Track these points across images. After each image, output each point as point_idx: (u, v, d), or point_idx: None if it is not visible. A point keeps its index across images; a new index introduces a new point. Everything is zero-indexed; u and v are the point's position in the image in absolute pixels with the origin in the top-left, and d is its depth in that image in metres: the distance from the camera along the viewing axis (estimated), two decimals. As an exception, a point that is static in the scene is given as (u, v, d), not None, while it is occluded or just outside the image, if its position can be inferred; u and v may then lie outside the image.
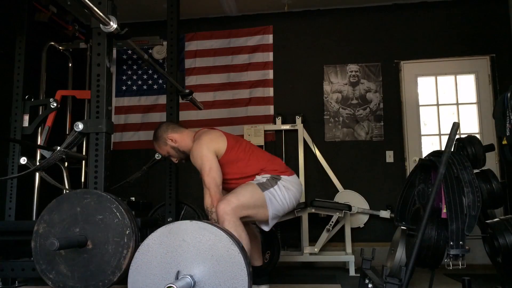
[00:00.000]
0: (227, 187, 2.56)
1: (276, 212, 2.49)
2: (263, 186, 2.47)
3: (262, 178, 2.54)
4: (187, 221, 1.69)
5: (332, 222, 3.94)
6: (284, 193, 2.50)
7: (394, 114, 4.59)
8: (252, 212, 2.41)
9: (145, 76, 5.03)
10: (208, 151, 2.47)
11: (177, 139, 2.66)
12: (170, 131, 2.68)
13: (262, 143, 4.49)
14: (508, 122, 2.52)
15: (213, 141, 2.54)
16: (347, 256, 3.85)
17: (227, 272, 1.61)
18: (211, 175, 2.41)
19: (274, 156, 2.78)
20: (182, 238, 1.65)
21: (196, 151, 2.50)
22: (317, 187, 4.51)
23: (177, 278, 1.59)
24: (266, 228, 2.56)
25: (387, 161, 4.53)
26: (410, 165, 4.45)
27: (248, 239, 2.35)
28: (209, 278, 1.61)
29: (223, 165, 2.50)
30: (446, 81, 4.66)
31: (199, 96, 4.49)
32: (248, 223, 2.68)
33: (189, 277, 1.60)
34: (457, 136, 3.12)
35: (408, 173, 4.27)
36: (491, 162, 4.20)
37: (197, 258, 1.63)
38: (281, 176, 2.54)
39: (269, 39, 4.86)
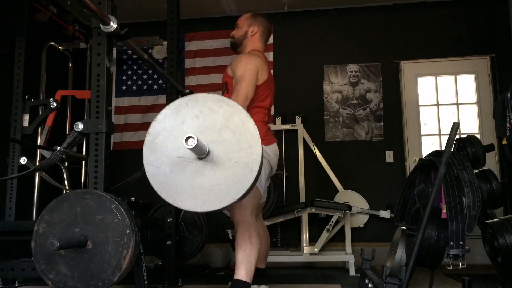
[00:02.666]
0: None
1: (264, 187, 2.55)
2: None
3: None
4: (205, 93, 1.71)
5: (332, 222, 3.95)
6: (265, 164, 2.50)
7: (394, 114, 4.59)
8: (252, 201, 2.42)
9: (145, 76, 5.03)
10: (255, 68, 2.49)
11: (254, 36, 2.76)
12: (261, 27, 2.78)
13: (262, 143, 4.48)
14: (508, 122, 2.52)
15: (262, 68, 2.56)
16: (347, 256, 3.85)
17: (242, 142, 1.62)
18: (248, 88, 2.42)
19: (269, 119, 2.77)
20: (200, 109, 1.66)
21: (247, 60, 2.54)
22: (317, 187, 4.51)
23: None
24: (263, 199, 2.62)
25: (387, 161, 4.53)
26: (410, 165, 4.45)
27: (258, 242, 2.36)
28: (223, 148, 1.62)
29: None
30: (446, 81, 4.66)
31: (199, 96, 4.48)
32: (263, 224, 2.77)
33: (206, 144, 1.60)
34: (457, 136, 3.12)
35: (408, 173, 4.27)
36: (491, 162, 4.20)
37: (213, 128, 1.64)
38: (267, 146, 2.55)
39: (269, 39, 4.84)
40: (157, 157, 1.67)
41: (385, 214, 4.32)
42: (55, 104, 3.12)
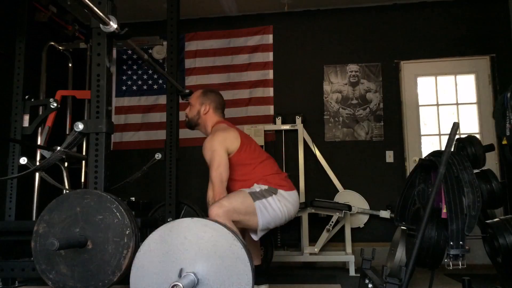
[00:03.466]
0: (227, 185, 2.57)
1: (266, 223, 2.50)
2: (255, 196, 2.47)
3: (258, 187, 2.55)
4: (188, 219, 1.68)
5: (332, 222, 3.95)
6: (278, 204, 2.51)
7: (394, 114, 4.59)
8: (243, 218, 2.42)
9: (145, 76, 5.03)
10: (220, 147, 2.51)
11: (208, 114, 2.78)
12: (212, 104, 2.79)
13: (262, 143, 4.49)
14: (508, 122, 2.52)
15: (227, 139, 2.58)
16: (347, 256, 3.85)
17: (231, 268, 1.60)
18: (219, 170, 2.46)
19: (281, 171, 2.78)
20: (184, 236, 1.64)
21: (209, 144, 2.55)
22: (317, 187, 4.51)
23: (180, 276, 1.59)
24: (254, 237, 2.57)
25: (387, 161, 4.53)
26: (410, 165, 4.45)
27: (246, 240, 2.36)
28: (213, 275, 1.60)
29: (230, 164, 2.53)
30: (446, 81, 4.66)
31: (199, 96, 4.48)
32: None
33: (193, 275, 1.58)
34: (457, 136, 3.12)
35: (408, 173, 4.27)
36: (491, 162, 4.19)
37: (199, 255, 1.62)
38: (278, 190, 2.55)
39: (269, 39, 4.86)
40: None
41: (385, 214, 4.32)
42: (55, 104, 3.12)
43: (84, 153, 3.83)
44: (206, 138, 2.66)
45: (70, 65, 4.26)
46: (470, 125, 4.52)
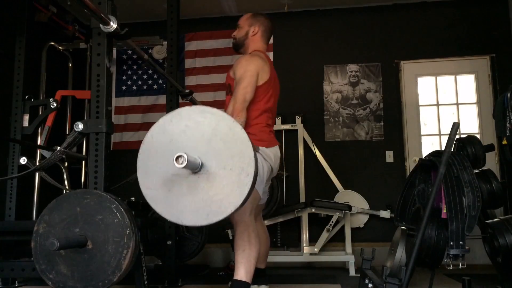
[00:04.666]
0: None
1: (262, 189, 2.55)
2: None
3: None
4: (187, 107, 1.70)
5: (332, 222, 3.95)
6: (263, 163, 2.49)
7: (394, 114, 4.59)
8: (252, 200, 2.41)
9: (145, 76, 5.03)
10: (254, 70, 2.49)
11: (256, 36, 2.76)
12: (261, 27, 2.78)
13: (262, 143, 4.47)
14: (508, 122, 2.53)
15: (262, 69, 2.55)
16: (347, 256, 3.85)
17: (232, 149, 1.61)
18: (246, 89, 2.42)
19: (273, 122, 2.76)
20: (185, 123, 1.65)
21: (246, 62, 2.53)
22: (317, 187, 4.51)
23: None
24: (262, 201, 2.62)
25: (387, 161, 4.53)
26: (410, 165, 4.45)
27: (258, 242, 2.35)
28: (216, 158, 1.61)
29: None
30: (446, 81, 4.66)
31: (199, 96, 4.49)
32: (262, 224, 2.78)
33: (197, 157, 1.60)
34: (457, 136, 3.12)
35: (408, 173, 4.27)
36: (491, 162, 4.19)
37: (201, 140, 1.63)
38: (260, 147, 2.52)
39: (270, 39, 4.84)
40: (152, 179, 1.67)
41: (385, 214, 4.32)
42: (55, 104, 3.12)
43: (84, 153, 3.83)
44: (244, 55, 2.63)
45: (70, 65, 4.26)
46: (470, 125, 4.52)
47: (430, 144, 4.57)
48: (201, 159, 1.61)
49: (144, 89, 5.01)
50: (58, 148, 2.22)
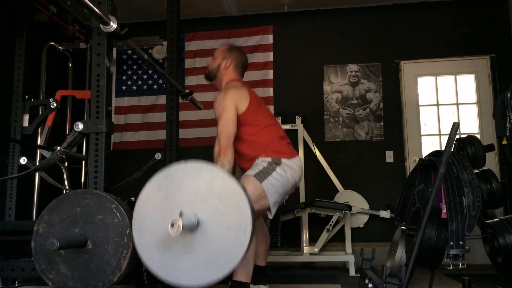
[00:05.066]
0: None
1: (275, 199, 2.50)
2: (260, 176, 2.46)
3: (261, 161, 2.54)
4: (182, 163, 1.68)
5: (332, 222, 3.95)
6: (284, 175, 2.49)
7: (394, 114, 4.59)
8: (257, 205, 2.41)
9: (145, 76, 5.03)
10: (230, 104, 2.51)
11: (228, 70, 2.78)
12: (234, 61, 2.79)
13: (262, 143, 4.48)
14: (508, 122, 2.53)
15: (238, 97, 2.58)
16: (347, 256, 3.85)
17: (229, 206, 1.59)
18: (226, 126, 2.46)
19: (285, 135, 2.76)
20: (180, 180, 1.63)
21: (220, 100, 2.55)
22: (317, 187, 4.51)
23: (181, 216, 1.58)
24: (270, 216, 2.57)
25: (387, 161, 4.53)
26: (410, 165, 4.45)
27: (254, 242, 2.35)
28: (212, 215, 1.59)
29: (238, 123, 2.54)
30: (446, 81, 4.66)
31: (199, 96, 4.49)
32: (261, 223, 2.76)
33: (193, 216, 1.58)
34: (457, 136, 3.12)
35: (408, 173, 4.27)
36: (491, 162, 4.19)
37: (197, 197, 1.61)
38: (281, 159, 2.53)
39: (269, 39, 4.85)
40: (148, 239, 1.63)
41: (385, 214, 4.32)
42: (55, 104, 3.12)
43: (84, 153, 3.83)
44: (218, 94, 2.66)
45: (70, 65, 4.26)
46: (470, 125, 4.52)
47: (430, 144, 4.57)
48: (197, 216, 1.58)
49: (144, 89, 5.01)
50: (58, 148, 2.22)
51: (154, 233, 1.61)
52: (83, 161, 3.94)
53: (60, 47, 4.13)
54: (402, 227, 2.77)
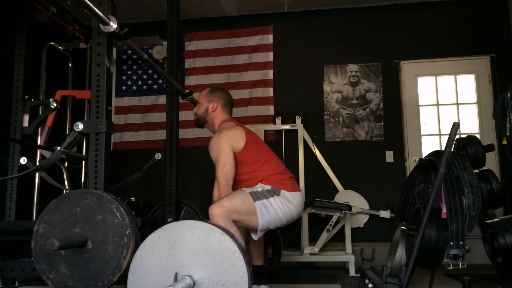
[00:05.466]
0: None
1: (266, 223, 2.49)
2: (256, 196, 2.46)
3: (260, 186, 2.54)
4: (175, 223, 1.68)
5: (332, 222, 3.95)
6: (280, 205, 2.49)
7: (394, 114, 4.59)
8: (243, 218, 2.41)
9: (145, 76, 5.03)
10: (226, 146, 2.52)
11: (216, 111, 2.80)
12: (220, 101, 2.82)
13: (262, 143, 4.48)
14: (508, 122, 2.52)
15: (233, 137, 2.59)
16: (347, 256, 3.85)
17: (224, 263, 1.59)
18: (224, 170, 2.47)
19: (288, 171, 2.77)
20: (173, 240, 1.63)
21: (215, 142, 2.56)
22: (317, 187, 4.51)
23: (176, 280, 1.59)
24: (254, 237, 2.56)
25: (387, 161, 4.53)
26: (410, 165, 4.45)
27: (242, 239, 2.35)
28: (208, 274, 1.59)
29: (235, 162, 2.54)
30: (446, 81, 4.66)
31: (199, 96, 4.49)
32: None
33: (188, 278, 1.58)
34: (457, 136, 3.12)
35: (408, 173, 4.27)
36: (491, 162, 4.19)
37: (192, 256, 1.61)
38: (281, 190, 2.54)
39: (269, 39, 4.85)
40: None
41: (385, 214, 4.32)
42: (55, 104, 3.12)
43: (84, 153, 3.83)
44: (213, 137, 2.66)
45: (70, 65, 4.26)
46: (470, 125, 4.52)
47: (430, 144, 4.57)
48: (192, 277, 1.58)
49: (144, 89, 5.01)
50: (58, 148, 2.21)
51: None
52: (83, 161, 3.93)
53: (60, 47, 4.13)
54: (402, 227, 2.77)
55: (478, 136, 4.29)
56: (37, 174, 3.53)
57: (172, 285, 1.49)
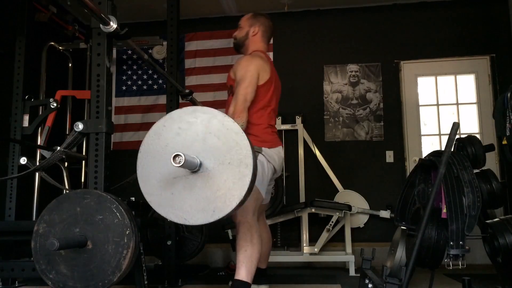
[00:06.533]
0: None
1: (263, 186, 2.50)
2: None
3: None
4: (178, 109, 1.73)
5: (332, 222, 3.95)
6: (264, 164, 2.47)
7: (394, 114, 4.59)
8: (253, 200, 2.38)
9: (145, 76, 5.03)
10: (255, 70, 2.49)
11: (256, 36, 2.77)
12: (262, 27, 2.79)
13: (262, 143, 4.48)
14: (508, 122, 2.52)
15: (263, 67, 2.56)
16: (347, 256, 3.85)
17: (228, 142, 1.63)
18: (247, 90, 2.42)
19: (275, 122, 2.76)
20: (178, 126, 1.68)
21: (246, 62, 2.53)
22: (317, 187, 4.51)
23: None
24: (265, 201, 2.61)
25: (387, 161, 4.53)
26: (410, 165, 4.45)
27: (260, 243, 2.35)
28: (213, 154, 1.63)
29: None
30: (446, 81, 4.66)
31: (199, 96, 4.49)
32: (265, 224, 2.80)
33: (195, 157, 1.62)
34: (457, 136, 3.11)
35: (408, 173, 4.27)
36: (491, 162, 4.19)
37: (197, 139, 1.66)
38: (262, 148, 2.51)
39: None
40: (153, 185, 1.69)
41: (385, 214, 4.32)
42: (55, 104, 3.12)
43: (84, 153, 3.83)
44: (244, 56, 2.64)
45: (70, 65, 4.26)
46: (470, 125, 4.52)
47: (430, 144, 4.57)
48: (198, 158, 1.63)
49: (144, 89, 5.01)
50: (58, 148, 2.22)
51: (159, 179, 1.67)
52: (83, 161, 3.93)
53: (60, 47, 4.13)
54: (402, 227, 2.76)
55: (478, 136, 4.29)
56: (37, 174, 3.53)
57: (179, 153, 1.50)
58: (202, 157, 1.63)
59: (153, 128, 1.71)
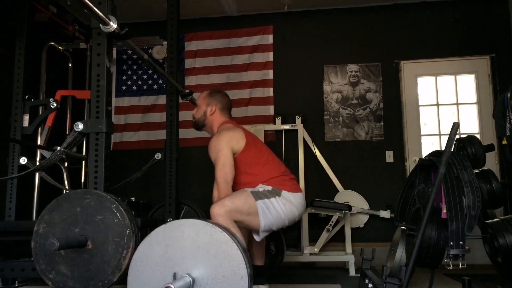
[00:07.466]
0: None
1: (268, 224, 2.48)
2: (257, 195, 2.45)
3: (262, 187, 2.53)
4: (163, 225, 1.68)
5: (332, 222, 3.95)
6: (282, 206, 2.48)
7: (394, 114, 4.59)
8: (245, 218, 2.40)
9: (145, 76, 5.03)
10: (225, 147, 2.51)
11: (214, 114, 2.79)
12: (219, 105, 2.80)
13: (262, 143, 4.48)
14: (508, 122, 2.52)
15: (233, 138, 2.58)
16: (347, 256, 3.85)
17: (219, 255, 1.59)
18: (224, 170, 2.45)
19: (288, 171, 2.76)
20: (165, 243, 1.64)
21: (215, 143, 2.55)
22: (317, 187, 4.51)
23: (175, 279, 1.59)
24: (257, 238, 2.55)
25: (387, 161, 4.53)
26: (410, 165, 4.45)
27: (243, 239, 2.35)
28: (206, 268, 1.59)
29: (235, 164, 2.53)
30: (446, 81, 4.66)
31: (199, 96, 4.49)
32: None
33: (187, 276, 1.58)
34: (457, 136, 3.12)
35: (408, 173, 4.27)
36: (491, 162, 4.20)
37: (186, 255, 1.61)
38: (282, 191, 2.53)
39: (269, 39, 4.86)
40: None
41: (385, 214, 4.32)
42: (55, 104, 3.12)
43: (84, 153, 3.83)
44: (212, 137, 2.65)
45: (70, 65, 4.26)
46: (470, 125, 4.52)
47: (430, 144, 4.57)
48: (190, 275, 1.58)
49: (144, 89, 5.01)
50: (58, 148, 2.21)
51: None
52: (83, 161, 3.93)
53: (60, 47, 4.13)
54: (402, 227, 2.77)
55: (478, 136, 4.29)
56: (37, 174, 3.53)
57: (171, 283, 1.48)
58: (194, 274, 1.58)
59: (140, 248, 1.65)
